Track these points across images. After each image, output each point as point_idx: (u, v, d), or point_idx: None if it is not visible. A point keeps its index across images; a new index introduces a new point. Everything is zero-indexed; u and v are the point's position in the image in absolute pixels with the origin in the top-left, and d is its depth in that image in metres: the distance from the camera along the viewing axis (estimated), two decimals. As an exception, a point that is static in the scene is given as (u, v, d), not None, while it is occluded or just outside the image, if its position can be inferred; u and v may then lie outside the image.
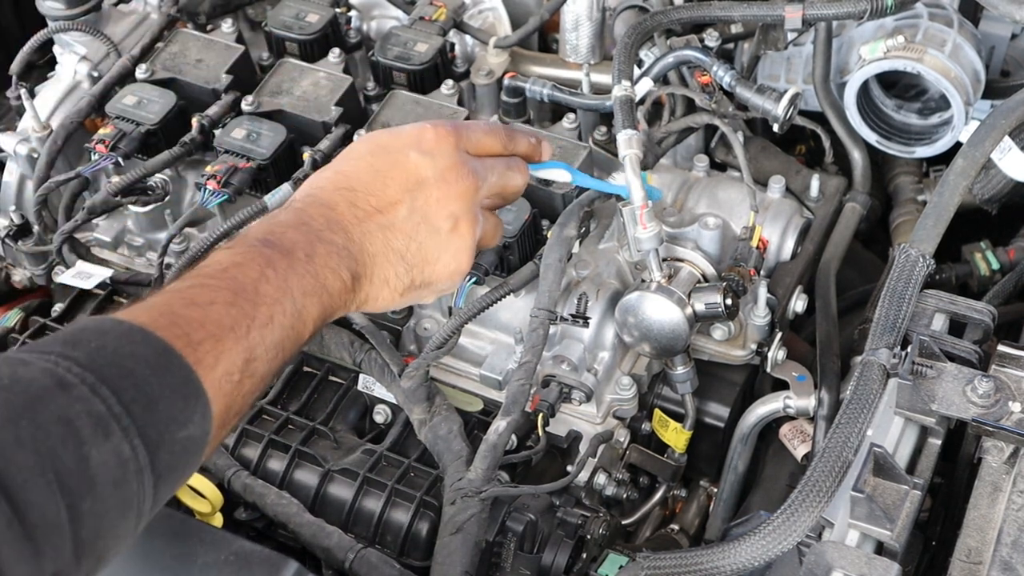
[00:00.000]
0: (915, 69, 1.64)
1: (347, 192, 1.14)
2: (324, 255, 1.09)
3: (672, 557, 1.24)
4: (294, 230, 1.09)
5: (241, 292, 1.02)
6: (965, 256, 1.93)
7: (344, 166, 1.18)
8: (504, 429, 1.37)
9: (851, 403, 1.21)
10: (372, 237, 1.13)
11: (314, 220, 1.11)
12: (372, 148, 1.19)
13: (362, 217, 1.13)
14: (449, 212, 1.17)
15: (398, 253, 1.15)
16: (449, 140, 1.19)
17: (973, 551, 1.15)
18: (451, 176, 1.17)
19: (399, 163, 1.17)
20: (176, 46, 1.77)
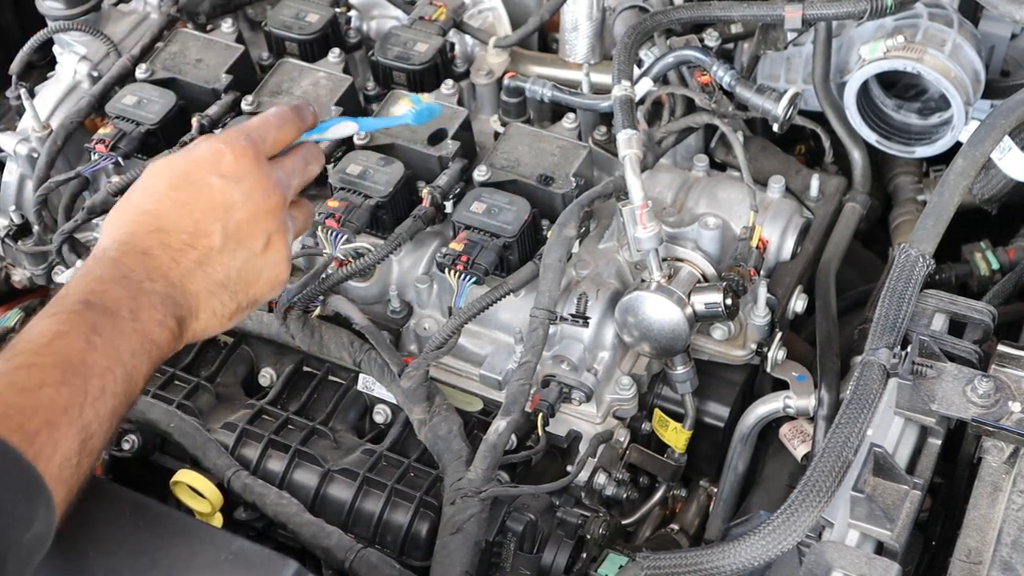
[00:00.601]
0: (915, 69, 1.64)
1: (159, 234, 1.12)
2: (148, 308, 1.07)
3: (672, 557, 1.24)
4: (115, 285, 1.06)
5: (70, 368, 0.98)
6: (965, 256, 1.93)
7: (148, 204, 1.15)
8: (504, 429, 1.37)
9: (851, 403, 1.21)
10: (192, 276, 1.12)
11: (133, 272, 1.08)
12: (172, 181, 1.16)
13: (178, 257, 1.11)
14: (261, 230, 1.16)
15: (220, 284, 1.14)
16: (248, 156, 1.16)
17: (973, 551, 1.15)
18: (258, 195, 1.16)
19: (203, 193, 1.14)
20: (176, 46, 1.77)
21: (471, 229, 1.50)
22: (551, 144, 1.61)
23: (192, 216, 1.13)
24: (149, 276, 1.09)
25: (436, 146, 1.61)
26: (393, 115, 1.44)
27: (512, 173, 1.57)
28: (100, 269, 1.09)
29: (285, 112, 1.26)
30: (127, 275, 1.08)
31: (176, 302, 1.10)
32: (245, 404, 1.56)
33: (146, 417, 1.48)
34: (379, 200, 1.55)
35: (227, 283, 1.14)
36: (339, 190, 1.56)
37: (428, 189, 1.56)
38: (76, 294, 1.05)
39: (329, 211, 1.52)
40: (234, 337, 1.62)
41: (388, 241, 1.51)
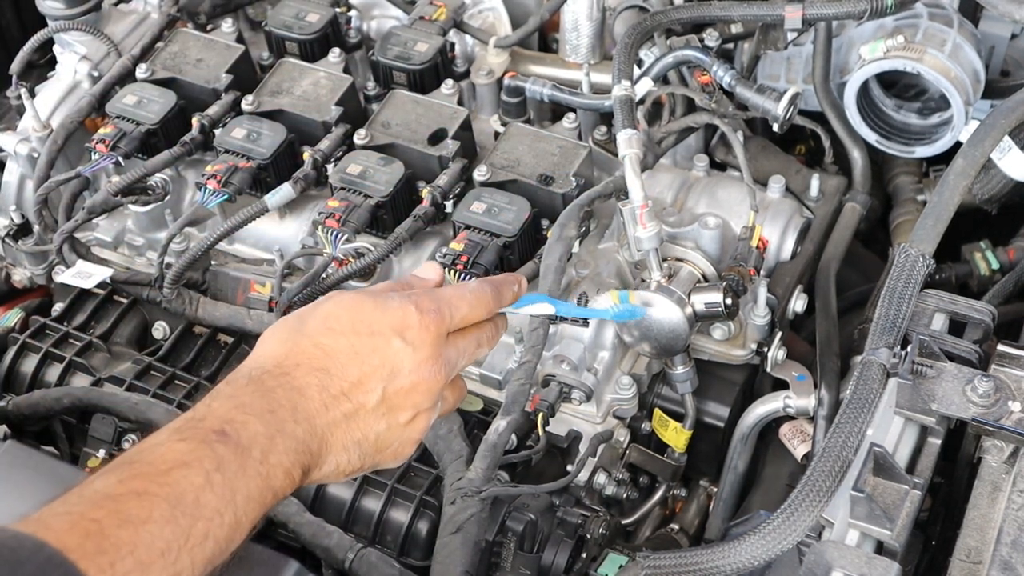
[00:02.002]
0: (915, 69, 1.64)
1: (322, 374, 1.09)
2: (281, 452, 1.03)
3: (672, 557, 1.24)
4: (257, 420, 1.03)
5: (180, 505, 0.94)
6: (965, 256, 1.93)
7: (324, 339, 1.11)
8: (504, 429, 1.37)
9: (851, 403, 1.21)
10: (335, 427, 1.09)
11: (281, 407, 1.05)
12: (355, 324, 1.12)
13: (331, 404, 1.09)
14: (413, 404, 1.13)
15: (356, 442, 1.11)
16: (432, 331, 1.13)
17: (973, 551, 1.15)
18: (425, 370, 1.13)
19: (379, 349, 1.11)
20: (176, 46, 1.77)
21: (471, 229, 1.50)
22: (551, 144, 1.61)
23: (360, 369, 1.10)
24: (295, 417, 1.06)
25: (436, 146, 1.61)
26: (595, 307, 1.37)
27: (512, 173, 1.57)
28: (249, 395, 1.05)
29: (484, 291, 1.21)
30: (274, 410, 1.05)
31: (310, 450, 1.07)
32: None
33: (146, 417, 1.48)
34: (379, 200, 1.55)
35: (362, 444, 1.12)
36: (339, 190, 1.56)
37: (428, 189, 1.56)
38: (216, 419, 1.02)
39: (329, 211, 1.52)
40: (234, 337, 1.62)
41: (388, 241, 1.51)
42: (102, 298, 1.68)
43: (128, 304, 1.68)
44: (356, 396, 1.10)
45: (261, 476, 1.01)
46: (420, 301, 1.15)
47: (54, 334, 1.63)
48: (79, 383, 1.58)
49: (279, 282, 1.52)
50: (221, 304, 1.60)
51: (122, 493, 0.93)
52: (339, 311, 1.14)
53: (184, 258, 1.56)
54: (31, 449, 1.43)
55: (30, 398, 1.53)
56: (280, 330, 1.13)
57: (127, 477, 0.95)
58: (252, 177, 1.61)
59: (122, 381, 1.55)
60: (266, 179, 1.63)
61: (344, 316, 1.13)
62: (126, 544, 0.90)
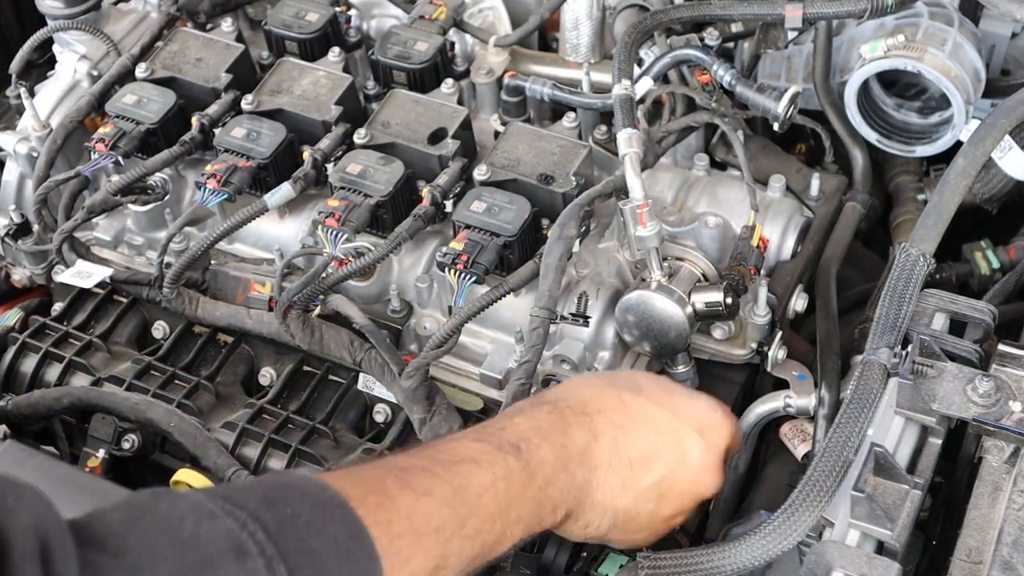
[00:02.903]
0: (915, 68, 1.64)
1: (618, 431, 1.11)
2: (559, 489, 1.06)
3: (672, 556, 1.24)
4: (551, 448, 1.06)
5: (462, 493, 0.97)
6: (965, 255, 1.92)
7: (630, 396, 1.15)
8: (504, 428, 1.37)
9: (851, 402, 1.21)
10: (607, 489, 1.11)
11: (574, 445, 1.08)
12: (662, 399, 1.16)
13: (615, 463, 1.11)
14: (679, 502, 1.16)
15: (615, 510, 1.13)
16: (726, 441, 1.19)
17: (973, 551, 1.15)
18: (706, 477, 1.18)
19: (677, 433, 1.15)
20: (176, 45, 1.77)
21: (471, 228, 1.50)
22: (551, 143, 1.61)
23: (654, 445, 1.13)
24: (582, 460, 1.08)
25: (436, 145, 1.60)
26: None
27: (512, 172, 1.57)
28: (549, 423, 1.08)
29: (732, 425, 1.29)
30: (567, 445, 1.07)
31: (580, 499, 1.09)
32: (245, 403, 1.56)
33: (146, 416, 1.48)
34: (379, 199, 1.55)
35: (616, 515, 1.13)
36: (339, 189, 1.56)
37: (428, 188, 1.56)
38: (514, 433, 1.04)
39: (329, 210, 1.52)
40: (234, 336, 1.62)
41: (388, 240, 1.51)
42: (102, 298, 1.68)
43: (128, 304, 1.68)
44: (638, 469, 1.12)
45: (536, 502, 1.03)
46: (727, 410, 1.21)
47: (54, 334, 1.63)
48: (79, 383, 1.58)
49: (279, 281, 1.52)
50: (221, 304, 1.60)
51: (411, 466, 0.96)
52: (651, 380, 1.19)
53: (184, 257, 1.56)
54: (31, 449, 1.44)
55: (30, 398, 1.53)
56: (591, 377, 1.19)
57: (419, 456, 0.97)
58: (252, 176, 1.61)
59: (122, 381, 1.55)
60: (266, 178, 1.63)
61: (654, 386, 1.17)
62: (404, 507, 0.91)
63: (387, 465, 0.96)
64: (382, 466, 0.96)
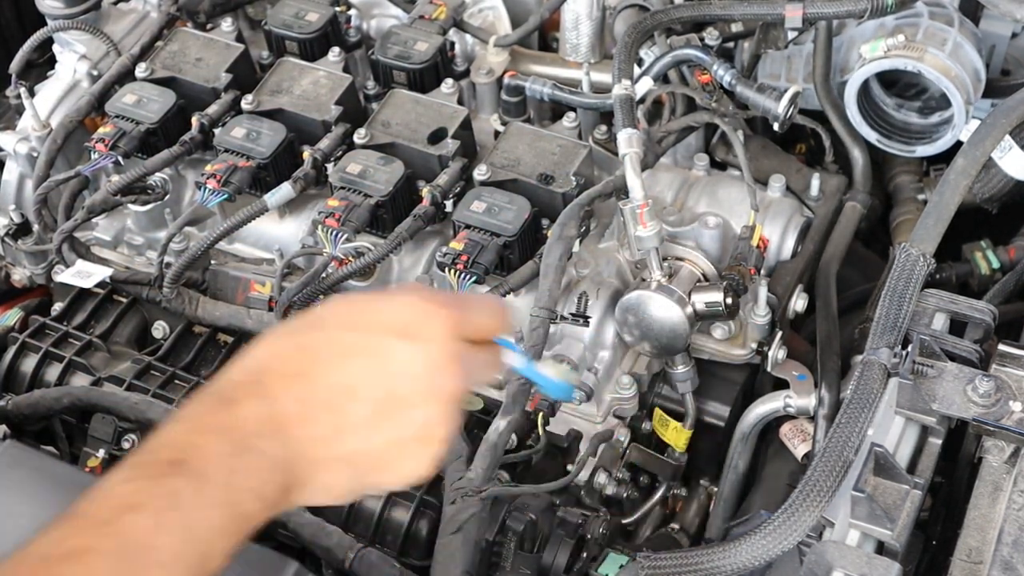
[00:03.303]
0: (915, 68, 1.64)
1: (301, 381, 0.92)
2: (247, 474, 0.88)
3: (672, 556, 1.24)
4: (217, 438, 0.88)
5: (127, 555, 0.82)
6: (965, 255, 1.92)
7: (307, 339, 0.95)
8: (504, 428, 1.37)
9: (852, 402, 1.21)
10: (318, 442, 0.92)
11: (246, 421, 0.90)
12: (345, 321, 0.95)
13: (312, 417, 0.91)
14: (424, 416, 0.94)
15: (346, 459, 0.93)
16: (444, 327, 0.94)
17: (974, 551, 1.15)
18: (440, 376, 0.94)
19: (377, 353, 0.93)
20: (176, 45, 1.77)
21: (471, 228, 1.50)
22: (551, 143, 1.61)
23: (350, 373, 0.92)
24: (263, 430, 0.90)
25: (436, 145, 1.60)
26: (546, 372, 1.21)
27: (512, 172, 1.57)
28: (211, 412, 0.91)
29: (493, 303, 1.07)
30: (238, 426, 0.89)
31: (287, 469, 0.91)
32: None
33: (146, 416, 1.48)
34: (379, 199, 1.55)
35: (354, 460, 0.94)
36: (339, 189, 1.56)
37: (428, 188, 1.56)
38: (170, 448, 0.88)
39: (329, 210, 1.52)
40: (234, 336, 1.62)
41: (388, 240, 1.51)
42: (102, 297, 1.68)
43: (128, 304, 1.68)
44: (344, 404, 0.93)
45: (224, 506, 0.87)
46: (429, 295, 0.97)
47: (54, 334, 1.63)
48: (79, 383, 1.58)
49: (279, 281, 1.52)
50: (221, 303, 1.60)
51: (59, 555, 0.82)
52: (334, 307, 0.97)
53: (184, 257, 1.55)
54: (31, 449, 1.43)
55: (30, 398, 1.53)
56: (267, 335, 0.96)
57: (69, 533, 0.83)
58: (252, 176, 1.61)
59: (122, 381, 1.55)
60: (266, 178, 1.63)
61: (337, 312, 0.96)
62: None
63: (33, 564, 0.81)
64: (30, 569, 0.80)
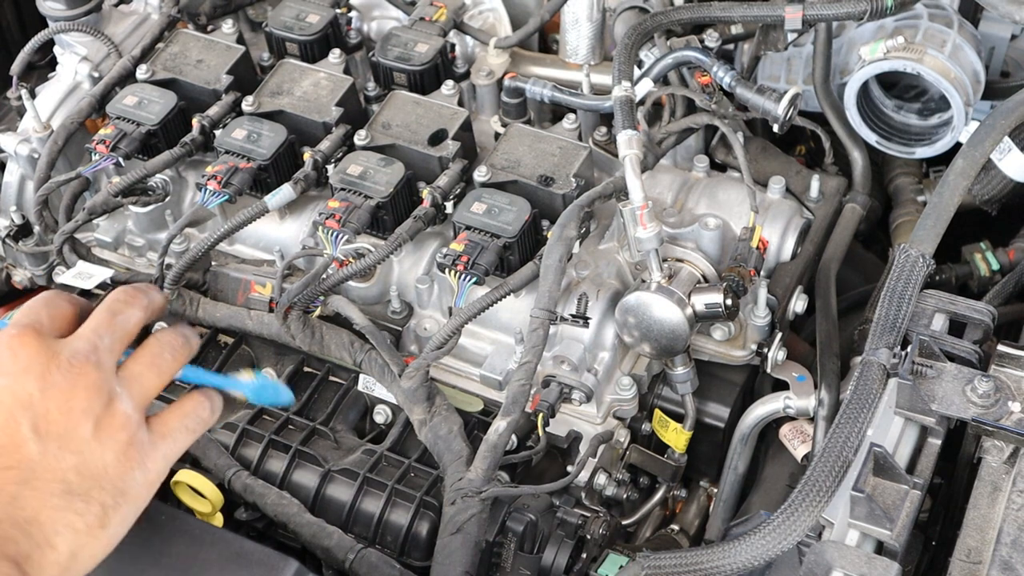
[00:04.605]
0: (915, 70, 1.64)
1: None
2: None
3: (672, 557, 1.24)
4: None
5: None
6: (965, 256, 1.93)
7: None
8: (504, 429, 1.37)
9: (851, 403, 1.21)
10: (22, 501, 0.90)
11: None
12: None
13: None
14: (81, 413, 0.94)
15: (62, 493, 0.92)
16: (23, 342, 0.96)
17: (973, 551, 1.15)
18: (57, 378, 0.95)
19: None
20: (177, 47, 1.77)
21: (471, 229, 1.51)
22: (551, 145, 1.61)
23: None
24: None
25: (436, 147, 1.61)
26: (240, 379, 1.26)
27: (512, 174, 1.57)
28: None
29: (47, 293, 1.09)
30: None
31: (10, 541, 0.88)
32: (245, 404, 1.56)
33: (147, 417, 1.48)
34: (380, 201, 1.55)
35: (71, 489, 0.93)
36: (339, 190, 1.56)
37: (428, 190, 1.56)
38: None
39: (330, 211, 1.52)
40: (234, 337, 1.63)
41: (389, 242, 1.51)
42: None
43: (128, 305, 1.68)
44: (13, 457, 0.92)
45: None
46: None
47: (54, 335, 1.63)
48: (79, 384, 1.58)
49: (279, 283, 1.52)
50: (221, 305, 1.60)
51: None
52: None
53: (184, 259, 1.56)
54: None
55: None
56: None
57: None
58: (252, 178, 1.61)
59: (122, 382, 1.55)
60: (266, 180, 1.63)
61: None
62: None
63: None
64: None
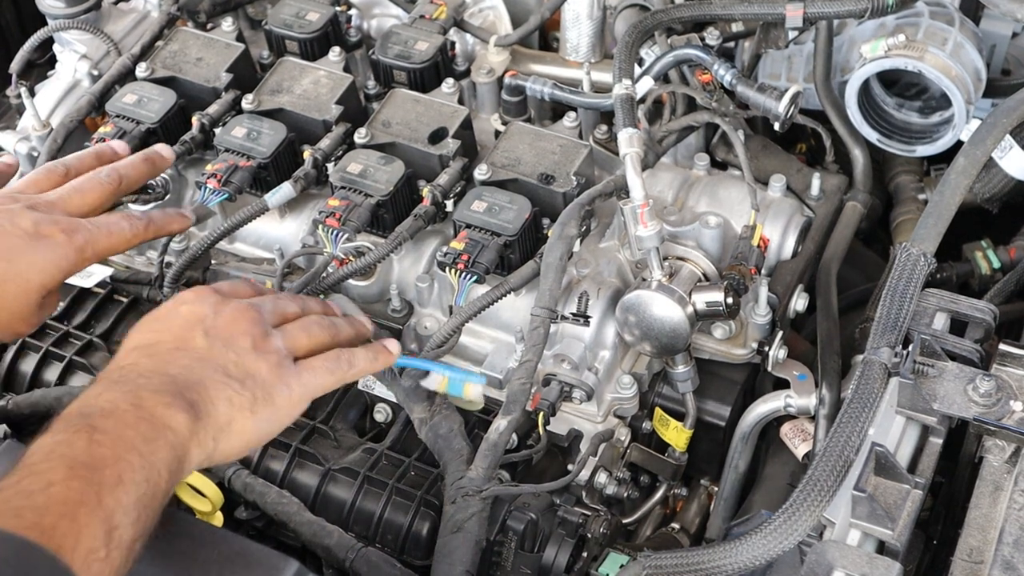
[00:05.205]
0: (916, 67, 1.64)
1: (144, 351, 1.13)
2: (151, 395, 1.05)
3: (673, 556, 1.24)
4: (108, 390, 1.05)
5: (75, 464, 0.96)
6: (966, 255, 1.93)
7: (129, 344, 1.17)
8: (505, 428, 1.37)
9: (852, 402, 1.21)
10: (191, 368, 1.11)
11: (126, 375, 1.08)
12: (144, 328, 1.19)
13: (170, 359, 1.11)
14: (243, 331, 1.17)
15: (223, 372, 1.13)
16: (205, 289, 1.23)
17: (974, 550, 1.15)
18: (227, 310, 1.19)
19: (173, 320, 1.18)
20: (176, 44, 1.77)
21: (472, 228, 1.50)
22: (552, 143, 1.61)
23: (171, 332, 1.16)
24: (143, 375, 1.08)
25: (437, 145, 1.60)
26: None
27: (513, 172, 1.57)
28: (89, 389, 1.08)
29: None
30: (121, 379, 1.07)
31: (179, 385, 1.08)
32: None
33: (146, 416, 1.48)
34: (380, 199, 1.55)
35: (230, 372, 1.13)
36: (340, 188, 1.56)
37: (429, 188, 1.56)
38: (72, 410, 1.03)
39: (330, 210, 1.52)
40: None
41: (389, 240, 1.51)
42: (102, 297, 1.68)
43: (128, 303, 1.68)
44: (187, 345, 1.14)
45: (144, 420, 1.02)
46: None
47: (54, 333, 1.63)
48: (79, 382, 1.58)
49: (279, 281, 1.52)
50: (221, 303, 1.60)
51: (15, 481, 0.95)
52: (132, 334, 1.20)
53: (184, 257, 1.55)
54: (31, 448, 1.43)
55: (30, 397, 1.53)
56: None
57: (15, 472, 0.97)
58: (252, 176, 1.61)
59: (122, 380, 1.55)
60: (266, 178, 1.63)
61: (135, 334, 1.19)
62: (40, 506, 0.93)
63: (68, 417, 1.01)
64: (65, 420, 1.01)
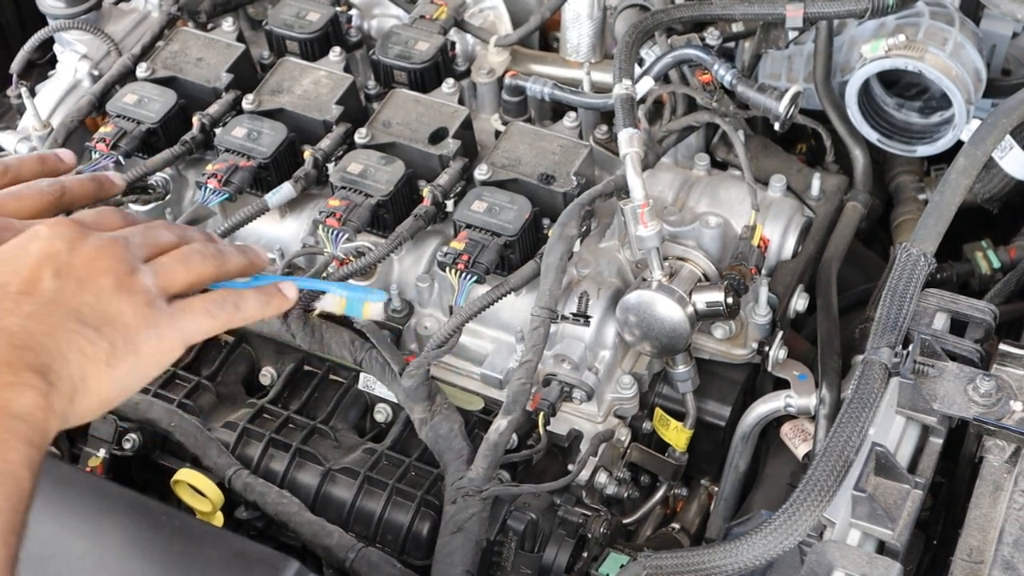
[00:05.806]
0: (916, 68, 1.64)
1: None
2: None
3: (673, 556, 1.24)
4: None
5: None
6: (966, 255, 1.92)
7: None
8: (505, 428, 1.37)
9: (852, 402, 1.21)
10: (35, 317, 0.94)
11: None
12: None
13: (11, 306, 0.93)
14: (103, 268, 0.99)
15: (75, 319, 0.95)
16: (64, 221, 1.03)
17: (975, 550, 1.15)
18: (81, 242, 1.00)
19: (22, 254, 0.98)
20: (177, 45, 1.77)
21: (472, 228, 1.50)
22: (552, 143, 1.61)
23: (17, 274, 0.96)
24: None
25: (437, 145, 1.61)
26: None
27: (513, 172, 1.57)
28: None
29: (102, 208, 1.16)
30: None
31: (20, 346, 0.91)
32: (246, 403, 1.56)
33: (147, 416, 1.48)
34: (380, 199, 1.55)
35: (84, 318, 0.96)
36: (340, 189, 1.56)
37: (429, 188, 1.56)
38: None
39: (330, 210, 1.52)
40: (235, 336, 1.62)
41: (389, 240, 1.51)
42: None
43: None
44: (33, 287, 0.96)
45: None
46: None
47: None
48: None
49: (280, 281, 1.52)
50: (222, 303, 1.60)
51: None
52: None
53: (185, 257, 1.55)
54: (31, 448, 1.43)
55: None
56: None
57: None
58: (253, 176, 1.61)
59: (122, 380, 1.55)
60: (267, 178, 1.63)
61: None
62: None
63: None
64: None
